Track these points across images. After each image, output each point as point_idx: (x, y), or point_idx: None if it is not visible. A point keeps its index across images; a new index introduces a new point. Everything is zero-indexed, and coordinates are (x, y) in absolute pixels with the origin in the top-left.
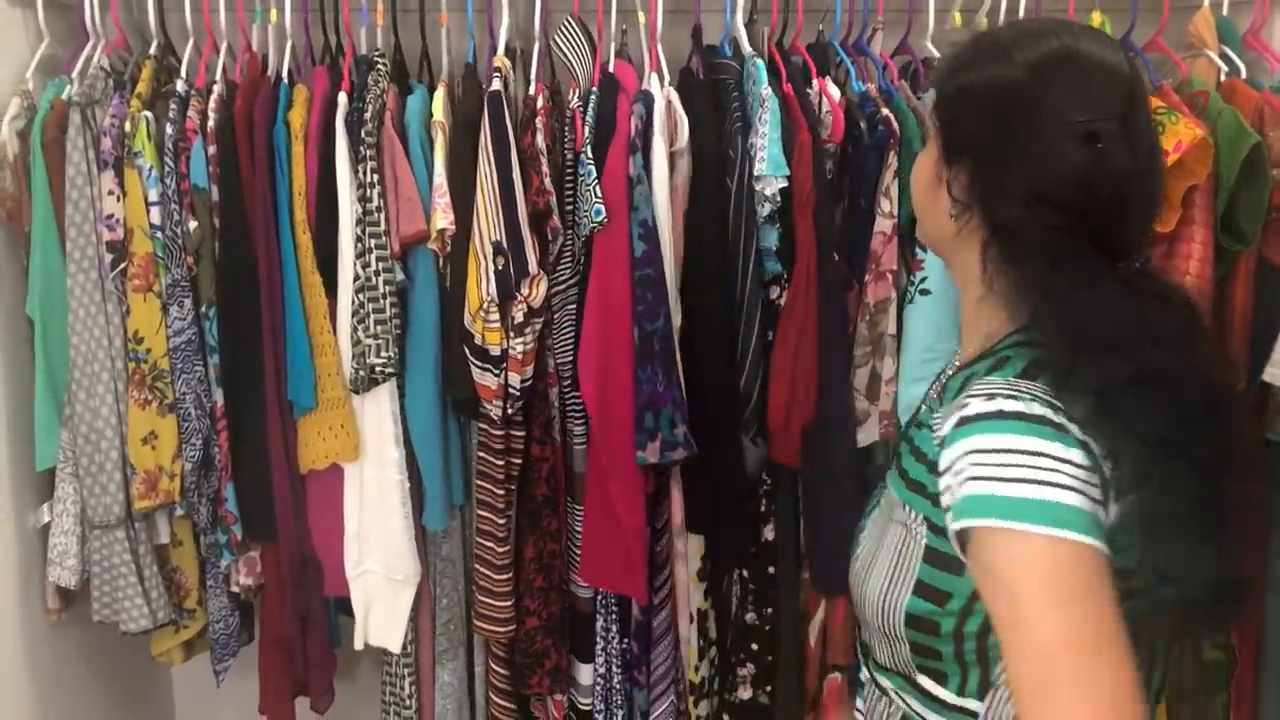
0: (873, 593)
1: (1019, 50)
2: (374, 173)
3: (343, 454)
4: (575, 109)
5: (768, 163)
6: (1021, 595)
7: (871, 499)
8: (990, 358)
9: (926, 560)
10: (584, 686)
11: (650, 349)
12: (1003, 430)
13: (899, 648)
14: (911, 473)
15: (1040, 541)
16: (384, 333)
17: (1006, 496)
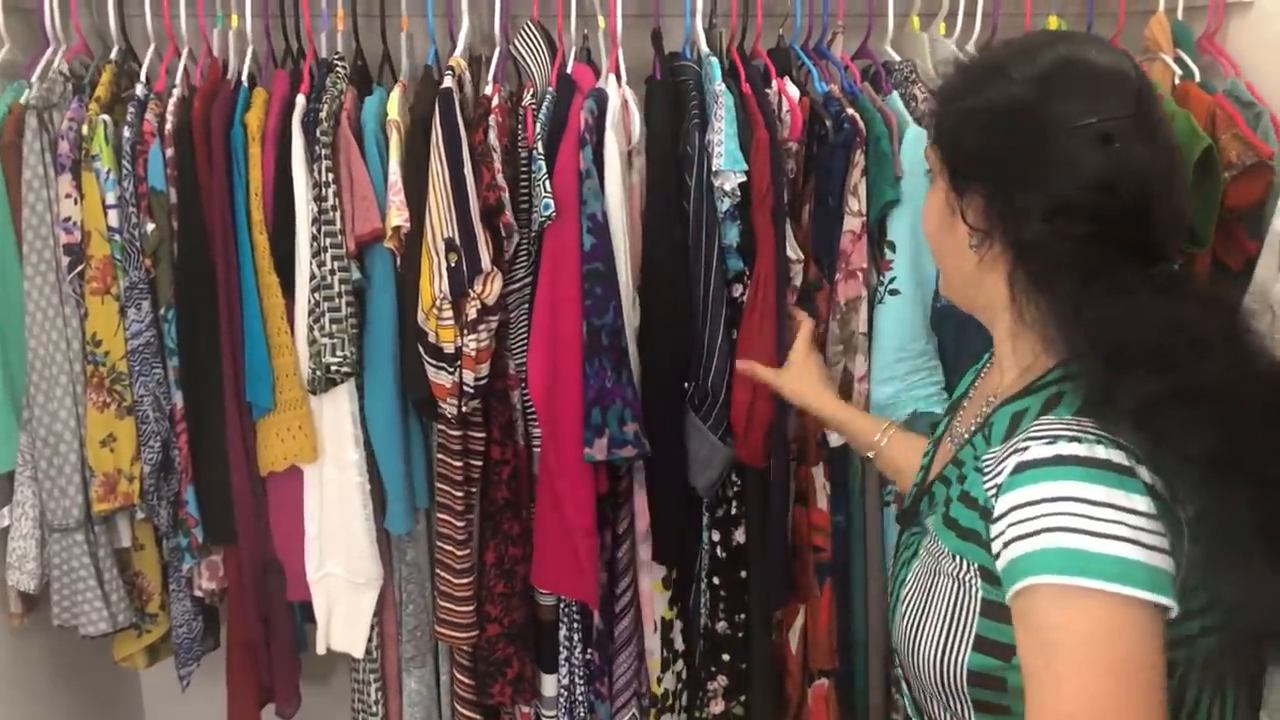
0: (928, 653)
1: (1015, 67)
2: (329, 172)
3: (301, 455)
4: (528, 107)
5: (725, 158)
6: (1058, 654)
7: (903, 545)
8: (1039, 393)
9: (984, 614)
10: (548, 698)
11: (599, 344)
12: (1063, 478)
13: (962, 708)
14: (963, 521)
15: (1091, 599)
16: (339, 332)
17: (1061, 549)
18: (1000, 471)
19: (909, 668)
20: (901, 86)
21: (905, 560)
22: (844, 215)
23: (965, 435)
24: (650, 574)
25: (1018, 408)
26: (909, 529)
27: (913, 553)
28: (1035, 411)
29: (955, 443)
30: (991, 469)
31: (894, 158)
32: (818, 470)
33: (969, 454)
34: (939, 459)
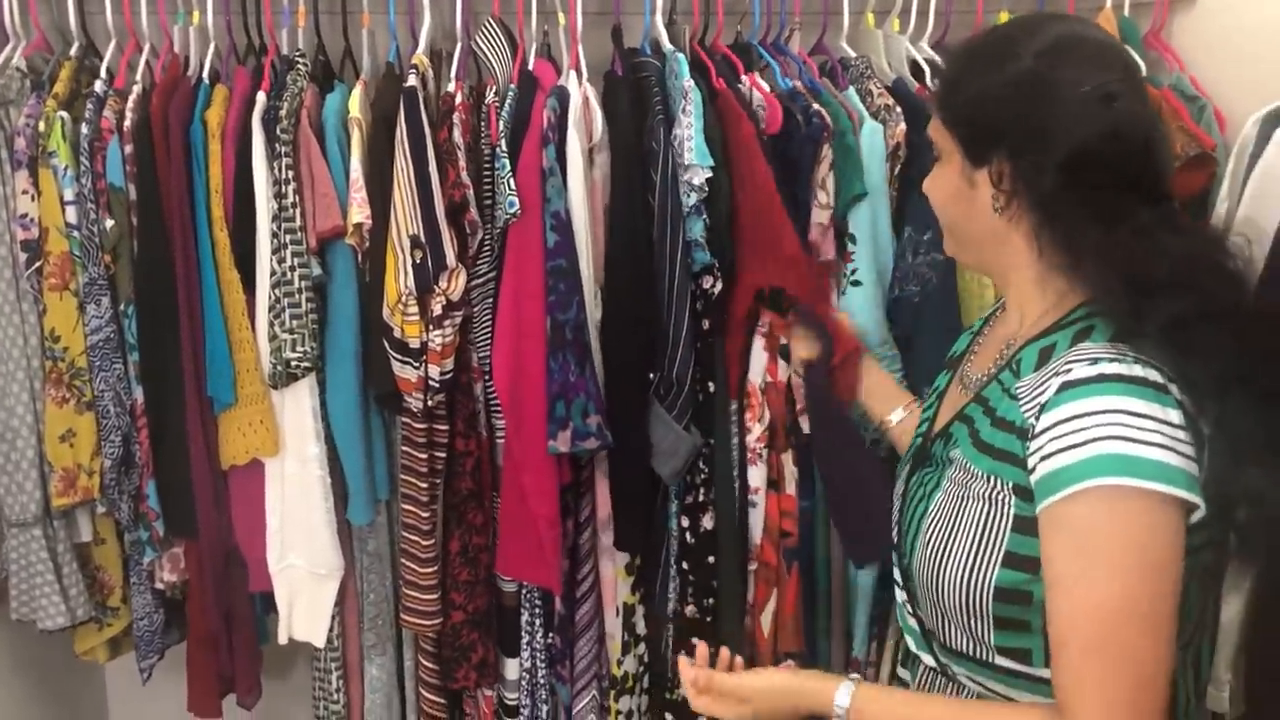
0: (955, 574)
1: (1023, 45)
2: (289, 169)
3: (263, 449)
4: (491, 104)
5: (695, 153)
6: (1097, 554)
7: (915, 485)
8: (1066, 329)
9: (1015, 530)
10: (510, 681)
11: (563, 338)
12: (1106, 393)
13: (981, 628)
14: (998, 443)
15: (1134, 499)
16: (300, 327)
17: (1110, 454)
18: (1043, 392)
19: (930, 594)
20: (857, 82)
21: (922, 496)
22: (812, 208)
23: (983, 377)
24: (613, 560)
25: (1044, 344)
26: (921, 470)
27: (933, 486)
28: (1065, 344)
29: (970, 387)
30: (1029, 393)
31: (859, 151)
32: (787, 456)
33: (995, 390)
34: (949, 405)
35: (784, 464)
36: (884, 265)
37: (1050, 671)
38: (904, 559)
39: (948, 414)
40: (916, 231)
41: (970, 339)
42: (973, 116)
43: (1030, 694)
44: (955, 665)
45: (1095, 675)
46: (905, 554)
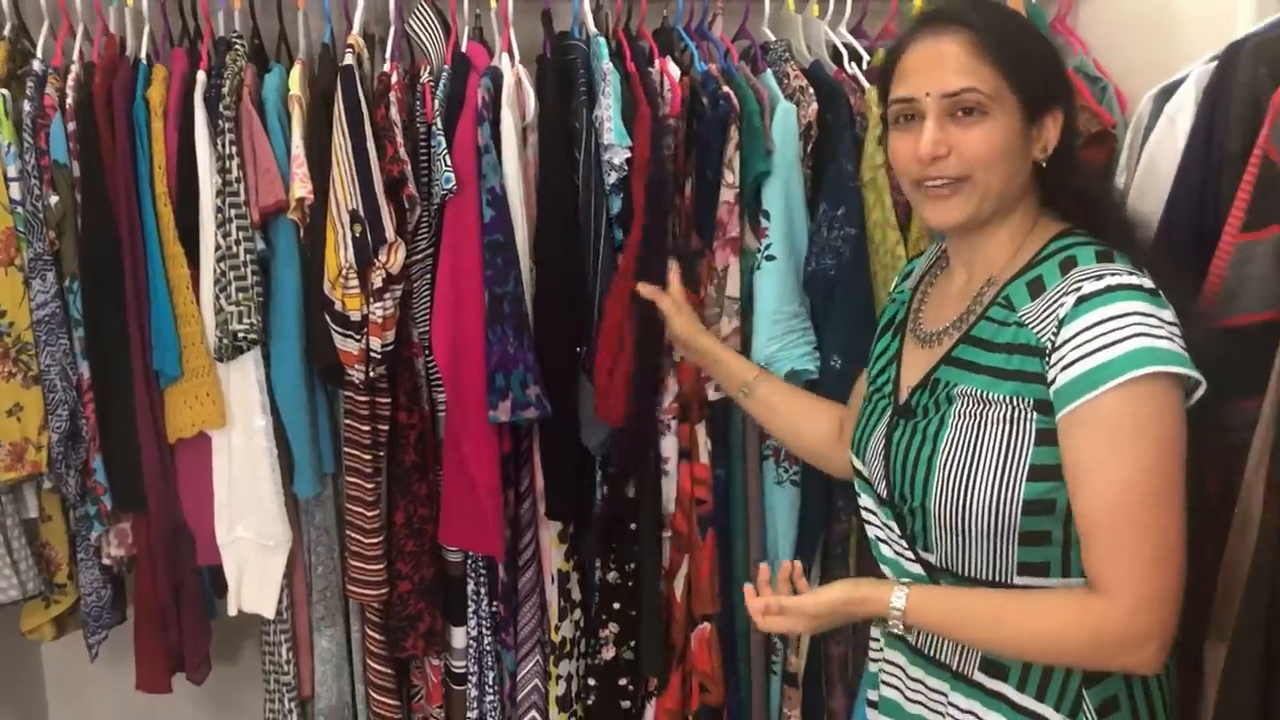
0: (984, 496)
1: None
2: (233, 145)
3: (209, 422)
4: (426, 84)
5: (614, 133)
6: (1120, 438)
7: (903, 434)
8: (1046, 262)
9: (1039, 443)
10: (457, 650)
11: (500, 311)
12: (1117, 300)
13: (1007, 547)
14: (1013, 366)
15: (1154, 383)
16: (246, 300)
17: (1133, 350)
18: (1057, 310)
19: (953, 523)
20: (776, 65)
21: (922, 442)
22: (721, 187)
23: (958, 323)
24: (548, 528)
25: (1029, 278)
26: (905, 422)
27: (935, 429)
28: (1053, 273)
29: (936, 338)
30: (1040, 315)
31: (765, 132)
32: (700, 427)
33: (987, 327)
34: (915, 360)
35: (697, 434)
36: (798, 240)
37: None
38: (905, 504)
39: (920, 367)
40: (831, 207)
41: (906, 304)
42: (1041, 74)
43: None
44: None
45: (1125, 548)
46: (908, 499)
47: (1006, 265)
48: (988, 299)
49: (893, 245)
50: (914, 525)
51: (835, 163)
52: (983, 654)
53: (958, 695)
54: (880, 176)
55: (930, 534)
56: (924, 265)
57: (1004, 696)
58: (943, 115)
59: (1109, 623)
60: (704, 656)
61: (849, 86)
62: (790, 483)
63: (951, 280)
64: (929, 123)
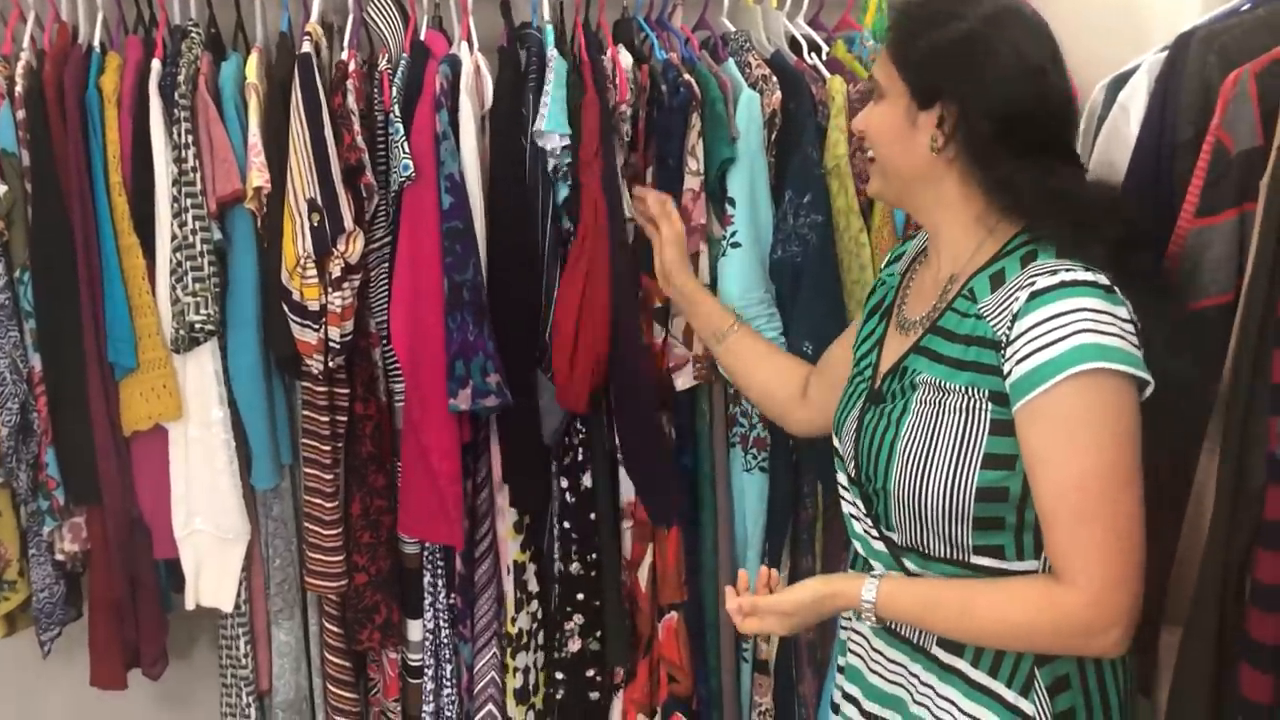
0: (937, 482)
1: (968, 8)
2: (189, 134)
3: (166, 414)
4: (384, 72)
5: (547, 119)
6: (1077, 431)
7: (872, 418)
8: (1010, 256)
9: (993, 433)
10: (414, 643)
11: (460, 299)
12: (1069, 296)
13: (961, 531)
14: (970, 357)
15: (1106, 380)
16: (203, 290)
17: (1083, 345)
18: (1011, 304)
19: (911, 506)
20: (737, 55)
21: (887, 426)
22: (684, 175)
23: (931, 314)
24: (505, 519)
25: (993, 271)
26: (876, 406)
27: (899, 414)
28: (1014, 267)
29: (913, 326)
30: (996, 309)
31: (729, 119)
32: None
33: (951, 318)
34: (892, 347)
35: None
36: (763, 227)
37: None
38: (870, 485)
39: (894, 354)
40: (796, 195)
41: (895, 289)
42: (926, 64)
43: None
44: (930, 571)
45: (1086, 538)
46: (872, 480)
47: (969, 260)
48: (953, 292)
49: (856, 232)
50: (878, 506)
51: (800, 150)
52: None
53: (917, 667)
54: (843, 164)
55: (892, 515)
56: (914, 250)
57: (960, 671)
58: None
59: (1072, 610)
60: (672, 646)
61: (809, 75)
62: (759, 470)
63: (928, 270)
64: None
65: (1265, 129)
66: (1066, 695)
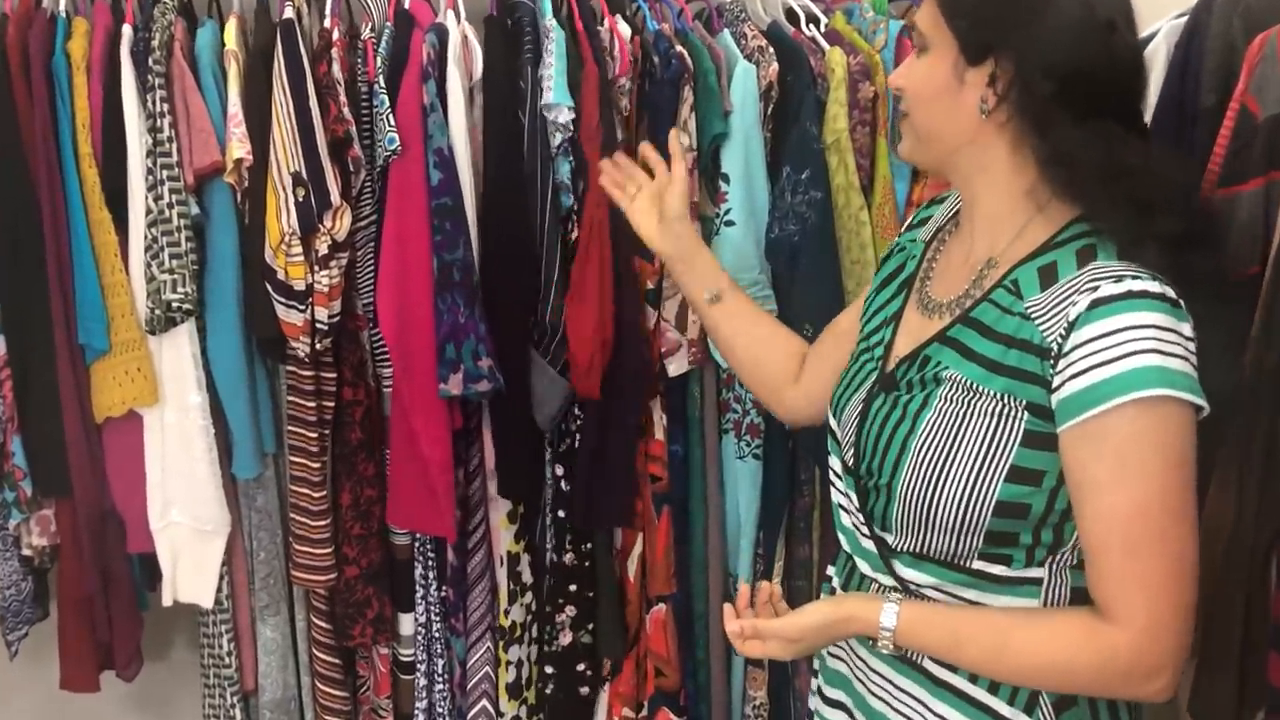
0: (953, 490)
1: None
2: (164, 102)
3: (140, 399)
4: (369, 41)
5: (554, 91)
6: (1131, 458)
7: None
8: (1064, 247)
9: (1025, 444)
10: (405, 637)
11: (450, 279)
12: (1136, 309)
13: (970, 541)
14: (1010, 362)
15: (1166, 406)
16: (180, 268)
17: (1147, 367)
18: (1068, 309)
19: (919, 508)
20: (732, 26)
21: (901, 419)
22: None
23: (961, 299)
24: (497, 509)
25: (1042, 263)
26: (887, 394)
27: (917, 408)
28: (1070, 263)
29: (939, 310)
30: (1048, 312)
31: (722, 93)
32: (655, 402)
33: (988, 311)
34: (911, 329)
35: (651, 409)
36: (758, 204)
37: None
38: (870, 479)
39: (914, 337)
40: (794, 171)
41: (919, 259)
42: (980, 12)
43: (996, 595)
44: (921, 574)
45: (1138, 574)
46: (874, 474)
47: (1010, 245)
48: (990, 280)
49: (856, 210)
50: (874, 502)
51: (798, 125)
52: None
53: (903, 679)
54: (843, 139)
55: (891, 514)
56: (943, 215)
57: (952, 686)
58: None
59: (1120, 650)
60: (659, 639)
61: (808, 47)
62: (752, 457)
63: (960, 245)
64: (908, 56)
65: None
66: (1073, 712)
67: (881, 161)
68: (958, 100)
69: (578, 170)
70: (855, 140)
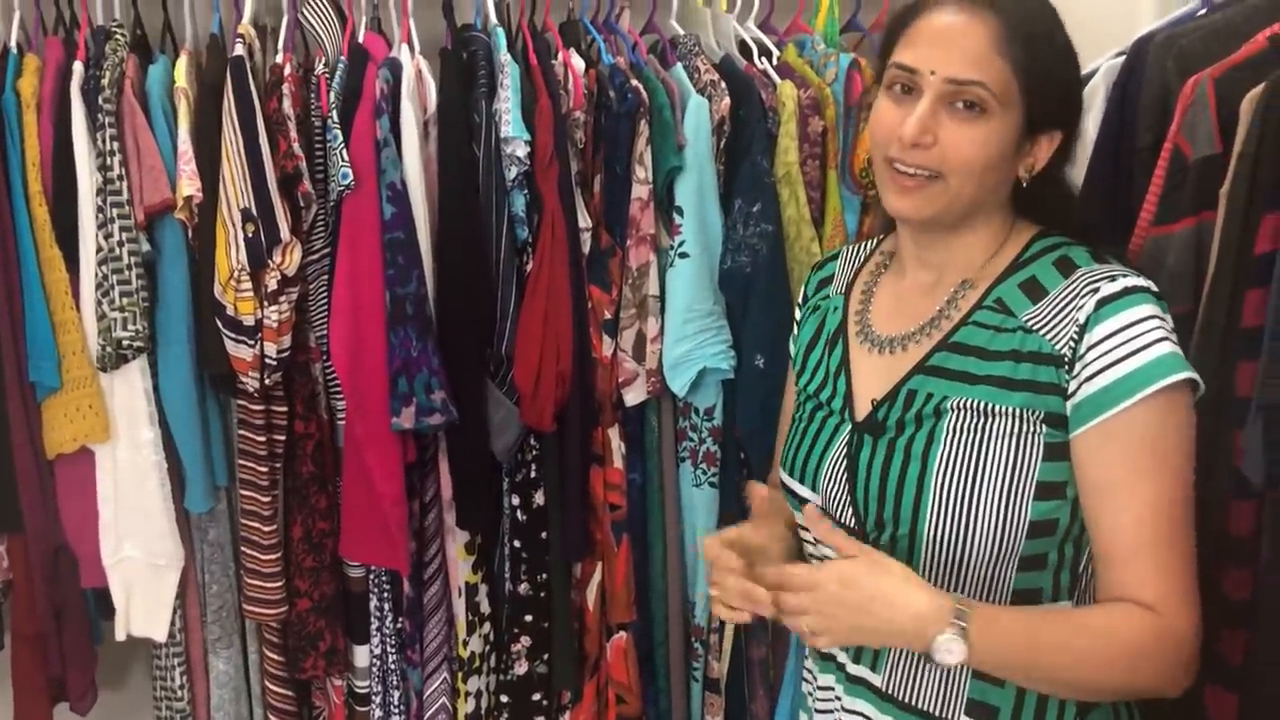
0: (987, 519)
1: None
2: (114, 140)
3: (92, 435)
4: (321, 76)
5: (512, 125)
6: (1162, 451)
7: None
8: (1037, 261)
9: (1046, 459)
10: (360, 669)
11: (403, 313)
12: (1138, 303)
13: (1005, 572)
14: (1022, 375)
15: (1181, 392)
16: (131, 305)
17: (1165, 355)
18: (1075, 314)
19: (951, 550)
20: (685, 59)
21: (905, 460)
22: (632, 183)
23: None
24: (455, 540)
25: (1021, 279)
26: (876, 437)
27: (923, 446)
28: (1052, 274)
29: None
30: (1053, 320)
31: (676, 126)
32: (613, 431)
33: (975, 332)
34: (873, 368)
35: (610, 438)
36: (712, 237)
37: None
38: (883, 532)
39: (883, 377)
40: (746, 203)
41: (842, 310)
42: (1054, 93)
43: None
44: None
45: (1176, 566)
46: (889, 525)
47: (984, 266)
48: (968, 301)
49: (808, 242)
50: (893, 554)
51: (749, 158)
52: (970, 694)
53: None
54: (794, 172)
55: (918, 562)
56: (849, 268)
57: None
58: (940, 101)
59: (1184, 643)
60: (620, 667)
61: (759, 81)
62: (709, 485)
63: (905, 280)
64: (923, 104)
65: (1224, 136)
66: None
67: (832, 194)
68: (1010, 165)
69: (532, 203)
70: (806, 173)
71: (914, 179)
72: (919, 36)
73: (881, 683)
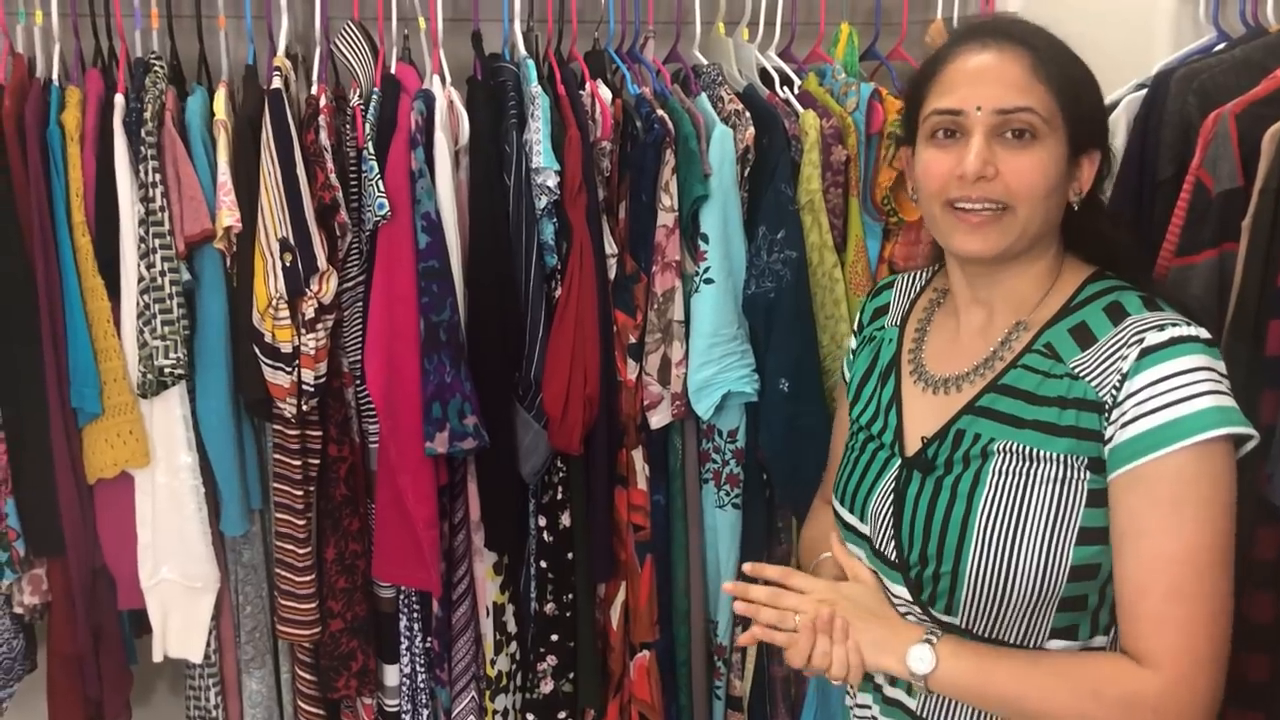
0: (1028, 561)
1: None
2: (156, 172)
3: (132, 461)
4: (356, 107)
5: (543, 156)
6: (1188, 501)
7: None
8: (1089, 306)
9: (1089, 504)
10: (390, 688)
11: (437, 339)
12: (1183, 354)
13: (1044, 614)
14: (1066, 421)
15: (1221, 445)
16: (172, 334)
17: (1205, 409)
18: (1119, 363)
19: (993, 591)
20: (709, 88)
21: (950, 500)
22: (658, 211)
23: (980, 368)
24: (483, 561)
25: (1071, 323)
26: (926, 474)
27: (969, 487)
28: (1101, 321)
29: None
30: (1098, 368)
31: (702, 156)
32: (637, 453)
33: (1023, 376)
34: (923, 407)
35: (634, 459)
36: (736, 264)
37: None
38: (928, 568)
39: (934, 415)
40: (770, 230)
41: (897, 343)
42: (1090, 113)
43: None
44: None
45: (1177, 619)
46: (932, 561)
47: (1037, 307)
48: (1020, 344)
49: (830, 268)
50: (936, 588)
51: (773, 186)
52: None
53: None
54: (817, 200)
55: (959, 599)
56: (904, 299)
57: None
58: (990, 134)
59: (1148, 697)
60: (643, 685)
61: (782, 110)
62: (732, 506)
63: (959, 319)
64: (976, 139)
65: (1245, 170)
66: None
67: (854, 221)
68: (1063, 191)
69: (561, 231)
70: (828, 201)
71: (981, 215)
72: (954, 81)
73: (917, 706)
